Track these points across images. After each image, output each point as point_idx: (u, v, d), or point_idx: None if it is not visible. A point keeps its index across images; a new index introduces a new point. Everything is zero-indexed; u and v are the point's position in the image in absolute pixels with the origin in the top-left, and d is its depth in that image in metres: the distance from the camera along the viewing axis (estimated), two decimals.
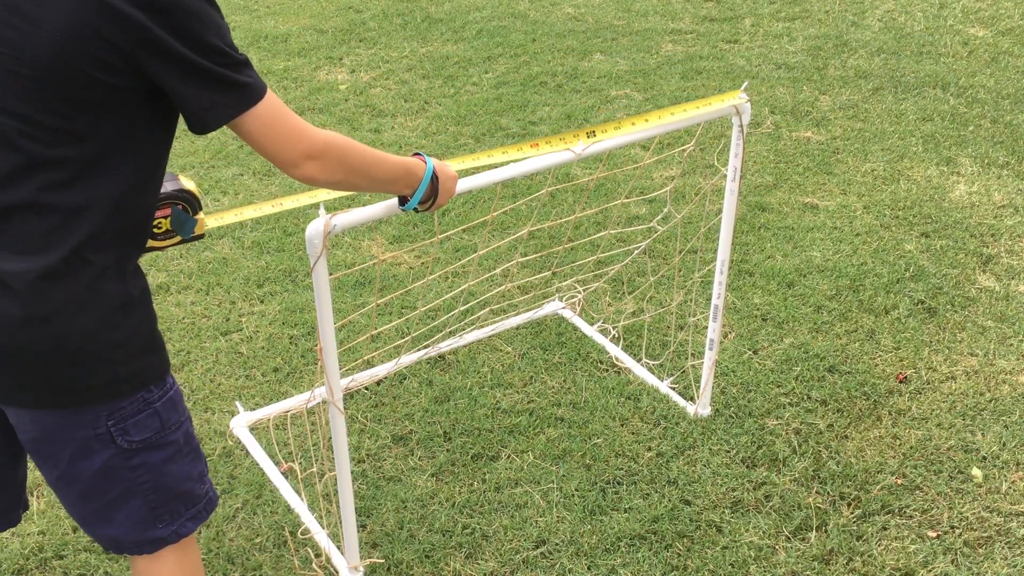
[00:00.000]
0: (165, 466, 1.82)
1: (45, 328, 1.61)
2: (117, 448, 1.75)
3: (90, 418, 1.71)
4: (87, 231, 1.59)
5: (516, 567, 2.57)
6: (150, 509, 1.84)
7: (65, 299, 1.61)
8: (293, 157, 1.68)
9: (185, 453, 1.87)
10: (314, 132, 1.70)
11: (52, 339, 1.62)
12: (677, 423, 3.02)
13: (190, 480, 1.89)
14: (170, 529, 1.88)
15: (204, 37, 1.55)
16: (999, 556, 2.61)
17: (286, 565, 2.57)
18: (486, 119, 4.90)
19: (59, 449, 1.74)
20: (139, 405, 1.75)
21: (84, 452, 1.74)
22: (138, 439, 1.76)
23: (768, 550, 2.62)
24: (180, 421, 1.84)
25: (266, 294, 3.61)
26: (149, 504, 1.83)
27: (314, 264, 2.04)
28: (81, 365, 1.65)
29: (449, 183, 2.06)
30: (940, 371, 3.25)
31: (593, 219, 4.04)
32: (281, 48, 5.74)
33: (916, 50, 5.74)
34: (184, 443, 1.86)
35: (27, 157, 1.55)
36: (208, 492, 1.95)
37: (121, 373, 1.70)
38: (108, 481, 1.78)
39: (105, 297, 1.64)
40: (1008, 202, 4.21)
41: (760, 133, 4.80)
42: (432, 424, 3.02)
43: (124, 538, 1.86)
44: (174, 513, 1.87)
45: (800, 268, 3.75)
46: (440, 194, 2.04)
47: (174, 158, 4.50)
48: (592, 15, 6.28)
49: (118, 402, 1.72)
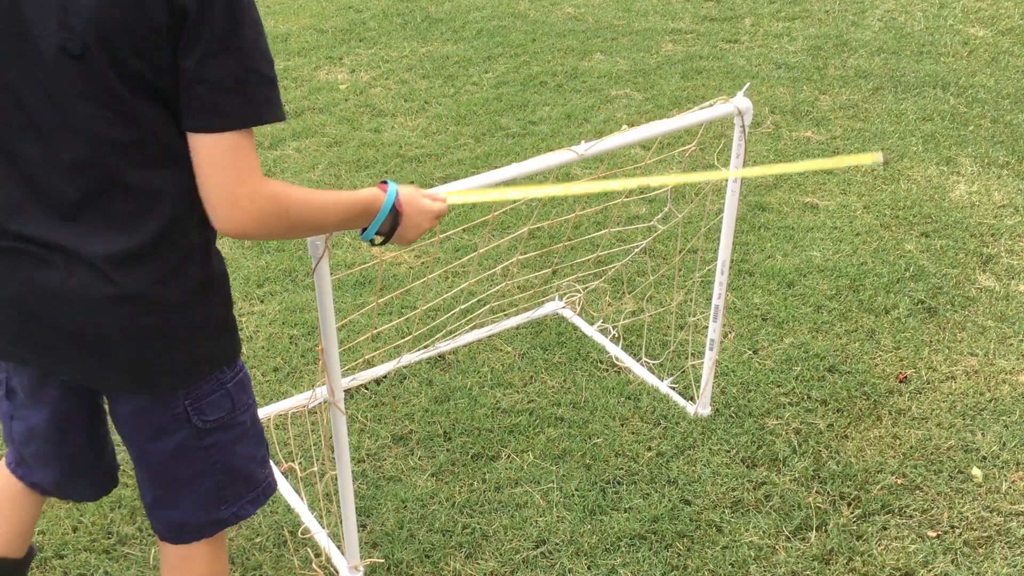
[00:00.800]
0: (234, 447, 1.85)
1: (131, 308, 1.61)
2: (192, 428, 1.78)
3: (169, 399, 1.74)
4: (172, 213, 1.59)
5: (516, 567, 2.57)
6: (218, 490, 1.86)
7: (151, 280, 1.61)
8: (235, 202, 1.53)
9: (252, 435, 1.89)
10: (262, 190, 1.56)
11: (137, 320, 1.63)
12: (677, 423, 3.02)
13: (254, 462, 1.91)
14: (231, 511, 1.90)
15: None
16: (999, 556, 2.61)
17: (286, 565, 2.57)
18: (486, 119, 4.90)
19: (139, 430, 1.79)
20: (214, 385, 1.78)
21: (161, 433, 1.77)
22: (212, 419, 1.79)
23: (768, 550, 2.62)
24: (248, 403, 1.87)
25: (266, 294, 3.61)
26: (218, 484, 1.86)
27: (316, 265, 2.04)
28: (165, 345, 1.67)
29: (418, 218, 1.86)
30: (940, 371, 3.25)
31: (593, 219, 4.04)
32: (281, 48, 5.74)
33: (916, 50, 5.74)
34: (251, 425, 1.89)
35: (101, 140, 1.53)
36: (268, 477, 1.97)
37: (200, 354, 1.73)
38: (181, 462, 1.81)
39: (189, 278, 1.65)
40: (1008, 202, 4.22)
41: (760, 133, 4.80)
42: (432, 424, 3.02)
43: (189, 521, 1.88)
44: (237, 495, 1.90)
45: (800, 268, 3.75)
46: (405, 228, 1.84)
47: None
48: (592, 15, 6.28)
49: (196, 383, 1.75)
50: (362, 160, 4.52)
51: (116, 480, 2.06)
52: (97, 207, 1.57)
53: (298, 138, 4.72)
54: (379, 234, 1.82)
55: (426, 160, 4.53)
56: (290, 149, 4.62)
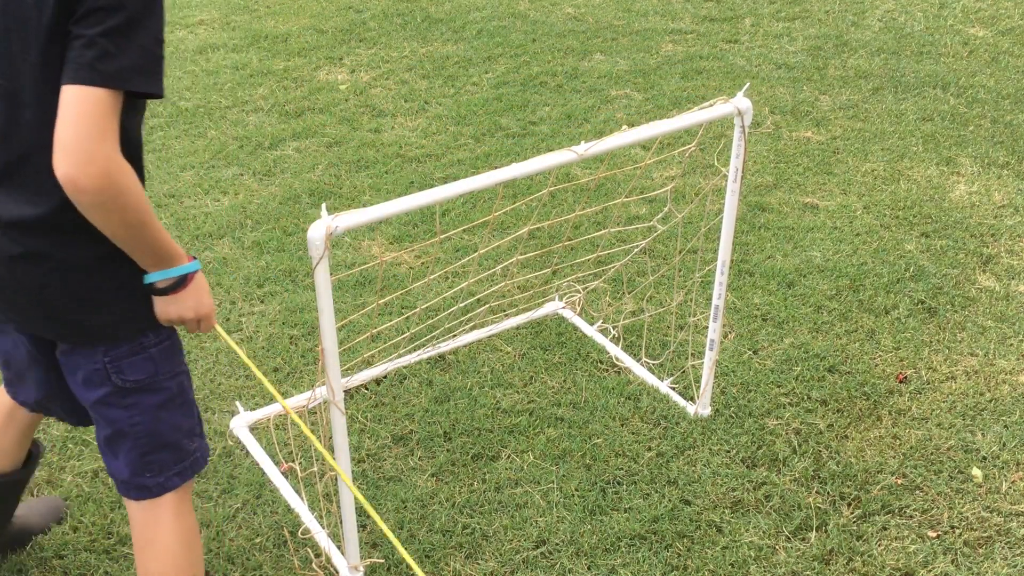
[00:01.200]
0: (158, 411, 1.94)
1: (37, 268, 1.78)
2: (113, 385, 1.90)
3: (90, 353, 1.87)
4: None
5: (516, 567, 2.57)
6: (142, 455, 1.96)
7: (55, 243, 1.76)
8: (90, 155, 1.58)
9: (178, 404, 1.98)
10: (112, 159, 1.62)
11: (44, 278, 1.79)
12: (677, 423, 3.02)
13: (180, 432, 1.99)
14: (156, 480, 1.99)
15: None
16: (999, 556, 2.62)
17: (286, 565, 2.57)
18: (486, 119, 4.90)
19: (71, 375, 1.94)
20: (135, 348, 1.89)
21: (88, 383, 1.91)
22: (132, 379, 1.90)
23: (768, 550, 2.62)
24: (175, 371, 1.96)
25: (266, 294, 3.61)
26: (140, 448, 1.95)
27: (316, 265, 2.04)
28: (74, 304, 1.82)
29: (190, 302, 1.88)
30: (940, 371, 3.25)
31: (593, 219, 4.05)
32: (281, 48, 5.74)
33: (916, 50, 5.74)
34: (177, 393, 1.97)
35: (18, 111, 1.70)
36: (197, 451, 2.05)
37: (114, 317, 1.85)
38: (105, 415, 1.94)
39: (97, 245, 1.74)
40: (1008, 202, 4.22)
41: (760, 133, 4.80)
42: (432, 424, 3.02)
43: (124, 477, 1.99)
44: (162, 464, 1.98)
45: (800, 268, 3.75)
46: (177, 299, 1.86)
47: (173, 158, 4.50)
48: (592, 15, 6.29)
49: (116, 343, 1.87)
50: (362, 160, 4.52)
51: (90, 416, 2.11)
52: (23, 175, 1.74)
53: (298, 138, 4.72)
54: (157, 286, 1.84)
55: (426, 160, 4.53)
56: (290, 149, 4.62)
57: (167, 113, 4.92)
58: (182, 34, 5.94)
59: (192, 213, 4.09)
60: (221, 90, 5.19)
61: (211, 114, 4.93)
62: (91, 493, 2.77)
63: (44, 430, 2.98)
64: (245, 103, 5.06)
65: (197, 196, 4.22)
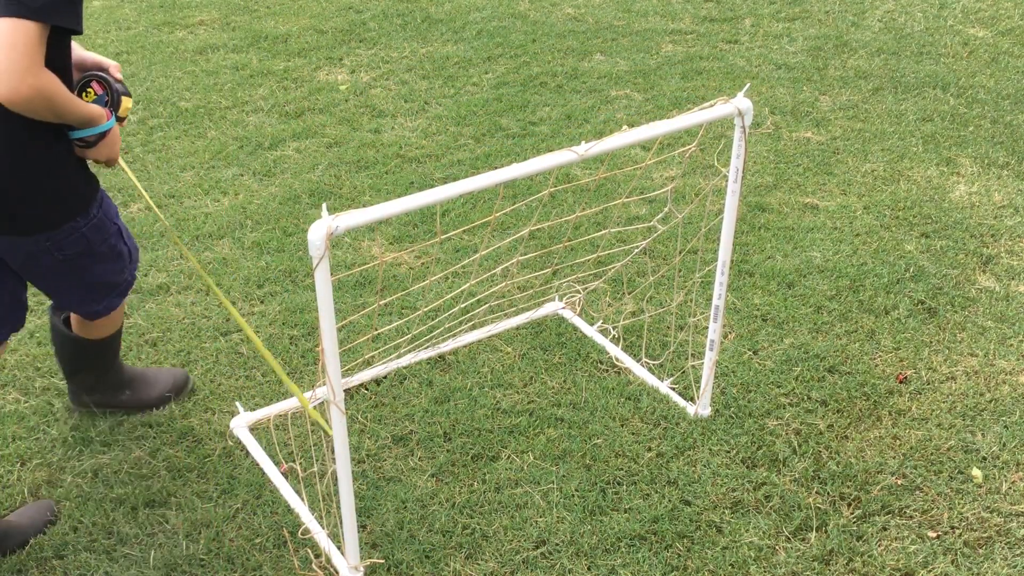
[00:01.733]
0: (93, 267, 2.55)
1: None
2: (53, 258, 2.44)
3: (32, 240, 2.38)
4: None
5: (516, 567, 2.57)
6: (86, 293, 2.63)
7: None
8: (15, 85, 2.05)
9: (110, 258, 2.58)
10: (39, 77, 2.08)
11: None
12: (677, 423, 3.02)
13: (113, 274, 2.63)
14: (102, 305, 2.68)
15: None
16: (999, 556, 2.62)
17: (286, 565, 2.57)
18: (486, 119, 4.90)
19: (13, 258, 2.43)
20: (68, 231, 2.42)
21: (31, 258, 2.43)
22: (70, 252, 2.46)
23: (768, 550, 2.62)
24: (105, 238, 2.52)
25: (266, 294, 3.61)
26: (86, 290, 2.62)
27: (316, 265, 2.04)
28: (13, 202, 2.30)
29: (115, 145, 2.45)
30: (940, 371, 3.26)
31: (593, 219, 4.05)
32: (281, 48, 5.74)
33: (916, 50, 5.74)
34: (108, 252, 2.56)
35: None
36: (127, 277, 2.69)
37: (46, 212, 2.36)
38: (49, 278, 2.52)
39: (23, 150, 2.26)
40: (1008, 202, 4.22)
41: (760, 133, 4.80)
42: (432, 424, 3.02)
43: (79, 310, 2.68)
44: (104, 294, 2.66)
45: (800, 268, 3.75)
46: (102, 145, 2.41)
47: (173, 158, 4.50)
48: (592, 15, 6.29)
49: (51, 231, 2.38)
50: (362, 161, 4.52)
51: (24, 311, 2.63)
52: None
53: (298, 139, 4.72)
54: (83, 140, 2.37)
55: (426, 160, 4.53)
56: (290, 150, 4.62)
57: (167, 113, 4.93)
58: (182, 34, 5.94)
59: (192, 213, 4.09)
60: (221, 90, 5.19)
61: (211, 114, 4.93)
62: (91, 493, 2.77)
63: (44, 430, 2.98)
64: (245, 103, 5.06)
65: (197, 196, 4.22)
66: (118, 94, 2.46)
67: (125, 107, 2.48)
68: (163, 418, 3.03)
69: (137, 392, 3.03)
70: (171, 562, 2.57)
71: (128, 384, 3.03)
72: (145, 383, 3.05)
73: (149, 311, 3.51)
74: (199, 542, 2.63)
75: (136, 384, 3.04)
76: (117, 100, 2.46)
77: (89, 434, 2.96)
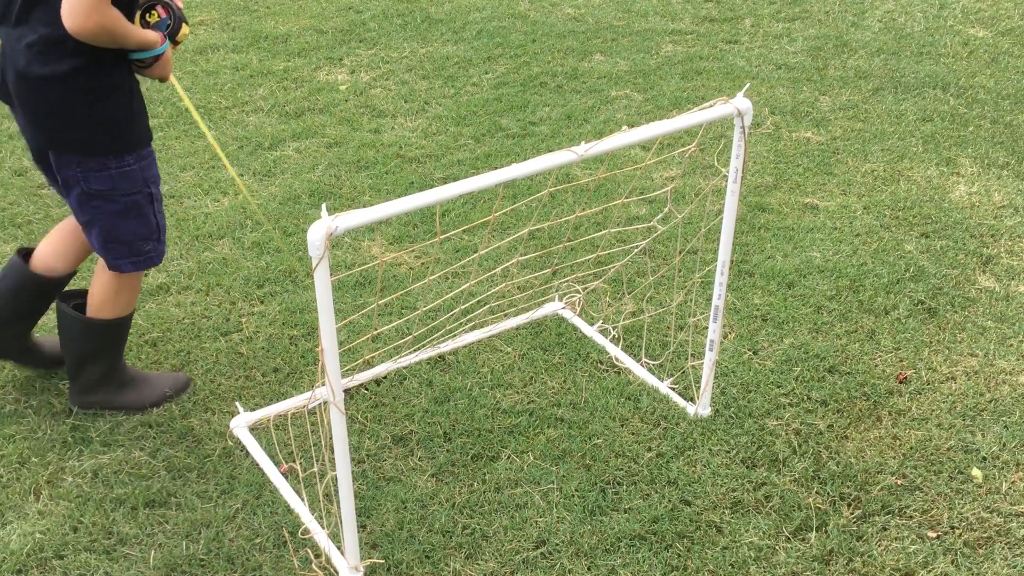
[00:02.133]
0: (116, 219, 2.73)
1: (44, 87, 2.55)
2: (82, 189, 2.67)
3: (67, 161, 2.64)
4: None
5: (516, 567, 2.57)
6: (103, 241, 2.76)
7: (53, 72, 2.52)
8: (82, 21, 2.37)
9: (133, 215, 2.74)
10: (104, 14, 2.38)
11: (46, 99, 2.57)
12: (677, 423, 3.03)
13: (135, 237, 2.77)
14: (116, 262, 2.79)
15: None
16: (999, 556, 2.62)
17: (286, 565, 2.57)
18: (486, 119, 4.90)
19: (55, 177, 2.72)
20: (98, 166, 2.65)
21: (66, 184, 2.69)
22: (95, 188, 2.67)
23: (768, 550, 2.62)
24: (131, 192, 2.71)
25: (266, 294, 3.61)
26: (103, 235, 2.75)
27: (316, 265, 2.04)
28: (59, 122, 2.59)
29: (167, 65, 2.73)
30: (940, 371, 3.26)
31: (593, 219, 4.05)
32: (281, 48, 5.74)
33: (916, 50, 5.74)
34: (132, 208, 2.73)
35: None
36: (152, 251, 2.83)
37: (86, 138, 2.61)
38: (79, 210, 2.72)
39: (76, 78, 2.54)
40: (1008, 202, 4.22)
41: (760, 133, 4.80)
42: (432, 424, 3.02)
43: (99, 251, 2.80)
44: (119, 252, 2.78)
45: (800, 268, 3.75)
46: (157, 66, 2.69)
47: (174, 158, 4.51)
48: (592, 15, 6.29)
49: (83, 157, 2.63)
50: (362, 161, 4.52)
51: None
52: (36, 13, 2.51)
53: (298, 139, 4.72)
54: (140, 61, 2.65)
55: (426, 161, 4.53)
56: (290, 150, 4.62)
57: (167, 113, 4.93)
58: None
59: (192, 213, 4.09)
60: (221, 90, 5.19)
61: (211, 114, 4.93)
62: (91, 493, 2.77)
63: (44, 430, 2.98)
64: (245, 103, 5.06)
65: (197, 196, 4.22)
66: (179, 20, 2.73)
67: (183, 33, 2.73)
68: (163, 418, 3.03)
69: (138, 393, 3.04)
70: (171, 562, 2.57)
71: (130, 384, 3.04)
72: (147, 385, 3.07)
73: (149, 311, 3.51)
74: (199, 542, 2.63)
75: (138, 385, 3.05)
76: (178, 26, 2.72)
77: (89, 434, 2.96)
